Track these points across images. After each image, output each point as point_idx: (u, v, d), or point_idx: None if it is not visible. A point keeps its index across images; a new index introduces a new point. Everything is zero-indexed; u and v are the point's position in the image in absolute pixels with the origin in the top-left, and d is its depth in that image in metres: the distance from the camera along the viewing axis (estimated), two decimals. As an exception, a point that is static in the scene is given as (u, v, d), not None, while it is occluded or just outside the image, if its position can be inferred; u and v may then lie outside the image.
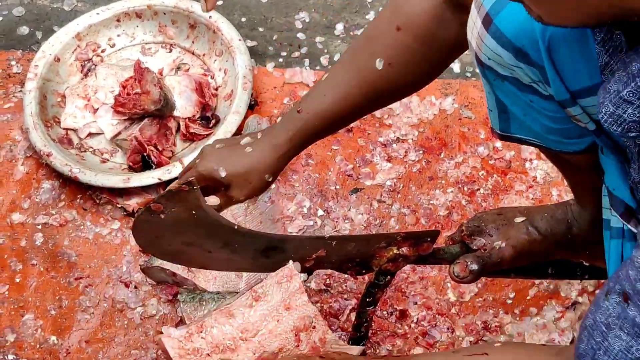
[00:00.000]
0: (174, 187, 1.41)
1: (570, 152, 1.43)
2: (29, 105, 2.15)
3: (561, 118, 1.34)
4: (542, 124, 1.38)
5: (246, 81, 2.18)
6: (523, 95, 1.34)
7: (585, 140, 1.39)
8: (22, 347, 1.90)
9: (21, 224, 2.06)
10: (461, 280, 1.62)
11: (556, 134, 1.39)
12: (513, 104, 1.38)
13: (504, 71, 1.32)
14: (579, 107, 1.27)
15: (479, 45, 1.31)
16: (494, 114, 1.44)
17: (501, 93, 1.38)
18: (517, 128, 1.44)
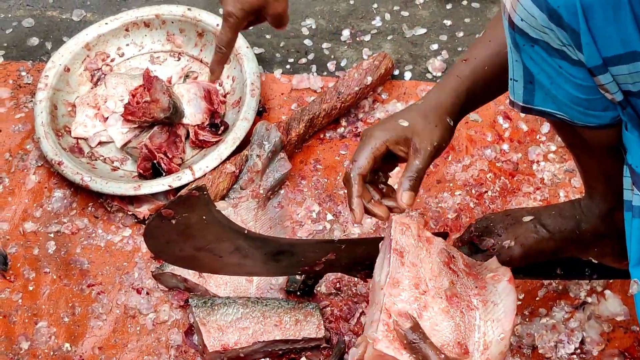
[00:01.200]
0: (184, 193, 1.43)
1: (592, 125, 1.42)
2: (40, 115, 2.17)
3: (588, 87, 1.34)
4: (569, 92, 1.37)
5: (254, 88, 2.20)
6: (552, 61, 1.33)
7: (609, 115, 1.39)
8: (36, 355, 1.92)
9: (34, 233, 2.08)
10: (470, 281, 1.63)
11: (581, 105, 1.38)
12: (540, 71, 1.37)
13: (535, 34, 1.30)
14: (610, 75, 1.27)
15: (514, 5, 1.29)
16: (519, 84, 1.42)
17: (529, 60, 1.37)
18: (541, 100, 1.42)
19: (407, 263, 1.52)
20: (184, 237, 1.52)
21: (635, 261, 1.42)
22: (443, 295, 1.51)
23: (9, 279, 2.02)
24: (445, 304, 1.50)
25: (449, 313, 1.49)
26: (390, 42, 2.37)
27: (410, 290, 1.49)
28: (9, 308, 1.98)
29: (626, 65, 1.24)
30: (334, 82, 2.24)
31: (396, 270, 1.50)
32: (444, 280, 1.54)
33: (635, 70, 1.25)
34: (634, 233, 1.41)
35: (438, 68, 2.30)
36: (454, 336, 1.48)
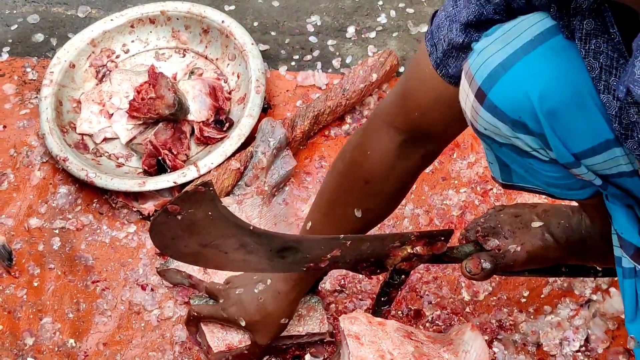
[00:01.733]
0: (190, 189, 1.43)
1: (574, 199, 1.45)
2: (45, 111, 2.17)
3: (563, 176, 1.34)
4: (545, 180, 1.38)
5: (259, 85, 2.20)
6: (522, 160, 1.34)
7: (588, 191, 1.40)
8: (41, 351, 1.92)
9: (38, 229, 2.08)
10: (472, 277, 1.62)
11: (559, 187, 1.40)
12: (513, 163, 1.38)
13: (501, 139, 1.30)
14: (584, 167, 1.27)
15: (474, 116, 1.29)
16: (494, 166, 1.44)
17: (501, 154, 1.38)
18: (519, 179, 1.44)
19: (366, 342, 1.58)
20: (190, 233, 1.51)
21: (629, 317, 1.42)
22: (411, 357, 1.55)
23: (13, 275, 2.02)
24: None
25: None
26: (396, 39, 2.37)
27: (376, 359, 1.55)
28: (14, 304, 1.98)
29: (600, 155, 1.24)
30: (339, 79, 2.24)
31: (357, 350, 1.56)
32: (408, 346, 1.58)
33: (611, 157, 1.25)
34: (626, 291, 1.42)
35: (443, 65, 2.29)
36: None
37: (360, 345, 1.55)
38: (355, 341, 1.56)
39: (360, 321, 1.61)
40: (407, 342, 1.58)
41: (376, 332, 1.58)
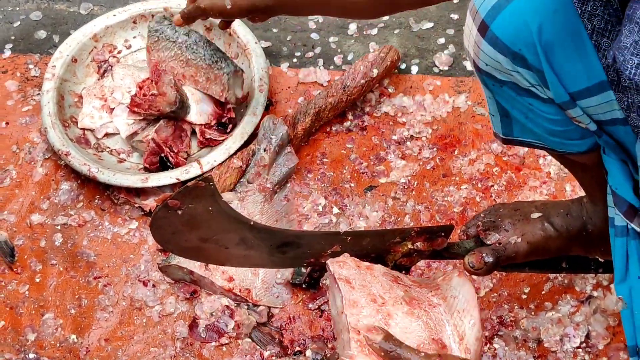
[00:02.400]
0: (190, 184, 1.43)
1: (573, 152, 1.45)
2: (47, 105, 2.17)
3: (562, 120, 1.36)
4: (544, 126, 1.40)
5: (262, 83, 2.20)
6: (522, 99, 1.36)
7: (587, 142, 1.41)
8: (43, 346, 1.92)
9: (40, 225, 2.09)
10: (475, 272, 1.63)
11: (559, 136, 1.41)
12: (513, 107, 1.40)
13: (502, 76, 1.33)
14: (579, 109, 1.29)
15: (476, 52, 1.33)
16: (496, 119, 1.46)
17: (501, 98, 1.40)
18: (519, 131, 1.46)
19: (357, 286, 1.54)
20: (190, 228, 1.52)
21: (619, 278, 1.43)
22: (402, 302, 1.53)
23: (15, 271, 2.02)
24: (407, 308, 1.52)
25: (414, 314, 1.51)
26: (397, 36, 2.37)
27: (369, 306, 1.51)
28: (16, 300, 1.98)
29: (595, 97, 1.26)
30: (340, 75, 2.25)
31: (349, 294, 1.52)
32: (398, 290, 1.56)
33: (605, 101, 1.27)
34: (617, 251, 1.42)
35: (445, 62, 2.29)
36: (426, 334, 1.49)
37: (351, 289, 1.53)
38: (346, 285, 1.53)
39: (349, 265, 1.59)
40: (396, 287, 1.57)
41: (365, 275, 1.56)
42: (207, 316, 1.92)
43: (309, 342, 1.90)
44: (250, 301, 1.93)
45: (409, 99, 2.22)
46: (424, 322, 1.50)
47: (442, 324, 1.52)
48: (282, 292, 1.96)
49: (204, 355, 1.90)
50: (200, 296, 1.95)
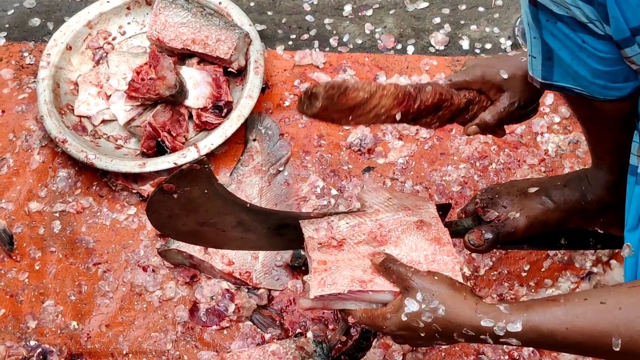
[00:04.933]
0: (185, 167, 1.43)
1: (611, 98, 1.43)
2: (43, 93, 2.17)
3: (612, 59, 1.34)
4: (590, 66, 1.38)
5: (258, 66, 2.19)
6: (575, 36, 1.34)
7: (630, 85, 1.39)
8: (44, 333, 1.92)
9: (39, 212, 2.08)
10: (476, 249, 1.63)
11: (603, 78, 1.39)
12: (562, 48, 1.38)
13: (559, 10, 1.31)
14: (637, 47, 1.27)
15: None
16: (537, 61, 1.44)
17: (550, 37, 1.38)
18: (560, 75, 1.44)
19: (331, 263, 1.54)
20: (187, 211, 1.51)
21: (630, 225, 1.42)
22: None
23: (15, 259, 2.02)
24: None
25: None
26: (393, 16, 2.36)
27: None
28: (16, 287, 1.98)
29: None
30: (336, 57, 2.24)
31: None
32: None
33: None
34: (635, 199, 1.41)
35: (441, 42, 2.29)
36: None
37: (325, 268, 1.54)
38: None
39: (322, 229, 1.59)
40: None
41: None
42: (207, 300, 1.92)
43: (309, 324, 1.90)
44: (250, 284, 1.93)
45: (405, 79, 2.21)
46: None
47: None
48: (282, 274, 1.96)
49: (205, 339, 1.90)
50: (200, 280, 1.95)
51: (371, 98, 1.48)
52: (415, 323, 1.37)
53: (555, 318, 1.28)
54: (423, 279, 1.39)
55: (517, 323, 1.30)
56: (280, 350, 1.75)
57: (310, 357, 1.75)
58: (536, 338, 1.30)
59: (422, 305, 1.36)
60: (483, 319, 1.32)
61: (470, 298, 1.36)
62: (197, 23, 2.17)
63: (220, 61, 2.19)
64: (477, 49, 2.28)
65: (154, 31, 2.18)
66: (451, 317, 1.35)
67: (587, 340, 1.26)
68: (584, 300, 1.28)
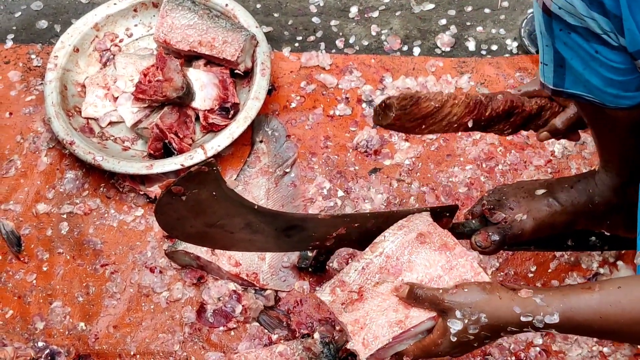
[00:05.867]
0: (193, 169, 1.43)
1: (622, 107, 1.44)
2: (50, 95, 2.18)
3: (625, 69, 1.35)
4: (603, 76, 1.39)
5: (264, 67, 2.20)
6: (589, 46, 1.35)
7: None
8: (52, 334, 1.93)
9: (46, 214, 2.09)
10: (483, 251, 1.63)
11: (615, 87, 1.40)
12: (574, 57, 1.39)
13: (573, 21, 1.32)
14: None
15: None
16: (549, 68, 1.45)
17: (563, 46, 1.38)
18: (571, 83, 1.45)
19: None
20: (195, 213, 1.52)
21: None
22: None
23: (23, 260, 2.03)
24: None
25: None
26: (399, 18, 2.37)
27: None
28: (24, 289, 1.99)
29: None
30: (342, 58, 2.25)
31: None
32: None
33: None
34: None
35: (447, 43, 2.29)
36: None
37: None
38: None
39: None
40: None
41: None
42: (214, 301, 1.93)
43: (316, 324, 1.90)
44: (257, 285, 1.94)
45: (411, 81, 2.22)
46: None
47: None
48: (288, 275, 1.97)
49: (213, 340, 1.90)
50: (207, 281, 1.96)
51: (443, 107, 1.55)
52: (465, 338, 1.42)
53: (590, 307, 1.31)
54: (455, 296, 1.43)
55: (555, 315, 1.34)
56: (288, 351, 1.76)
57: (317, 358, 1.75)
58: (573, 327, 1.34)
59: (465, 320, 1.40)
60: (522, 315, 1.36)
61: (505, 295, 1.39)
62: (203, 25, 2.18)
63: (226, 63, 2.19)
64: (483, 51, 2.28)
65: (160, 33, 2.19)
66: (494, 321, 1.39)
67: (622, 327, 1.30)
68: (617, 289, 1.30)
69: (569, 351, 1.84)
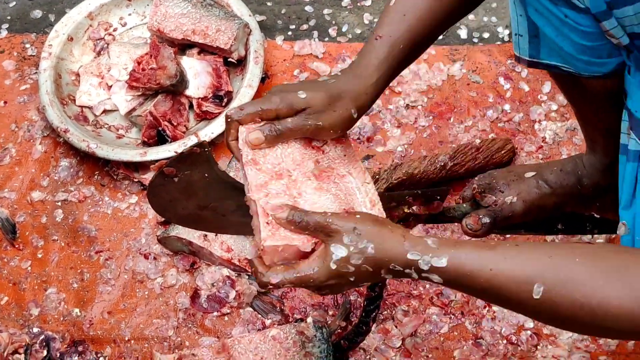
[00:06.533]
0: (185, 150, 1.44)
1: (596, 75, 1.44)
2: (45, 83, 2.19)
3: (594, 34, 1.35)
4: (574, 42, 1.39)
5: (257, 56, 2.21)
6: (558, 10, 1.35)
7: (614, 61, 1.41)
8: (46, 320, 1.94)
9: (41, 202, 2.10)
10: (474, 233, 1.64)
11: (587, 54, 1.40)
12: (546, 24, 1.39)
13: None
14: (614, 20, 1.28)
15: None
16: (524, 39, 1.45)
17: (534, 13, 1.39)
18: (546, 53, 1.45)
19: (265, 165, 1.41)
20: (187, 195, 1.52)
21: (624, 204, 1.43)
22: (311, 177, 1.41)
23: (17, 247, 2.04)
24: (317, 183, 1.40)
25: (323, 188, 1.40)
26: (391, 6, 2.37)
27: (276, 183, 1.39)
28: (19, 275, 2.00)
29: (631, 6, 1.24)
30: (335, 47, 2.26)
31: (255, 177, 1.39)
32: (309, 163, 1.42)
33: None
34: (627, 177, 1.42)
35: (439, 31, 2.30)
36: (336, 206, 1.38)
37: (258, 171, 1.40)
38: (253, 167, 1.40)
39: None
40: (308, 156, 1.43)
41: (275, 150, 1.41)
42: (208, 287, 1.94)
43: (309, 309, 1.91)
44: (249, 271, 1.95)
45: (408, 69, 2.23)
46: (334, 195, 1.40)
47: (353, 192, 1.41)
48: (281, 261, 1.97)
49: (207, 325, 1.91)
50: (201, 267, 1.97)
51: None
52: (345, 269, 1.26)
53: (482, 258, 1.20)
54: (345, 220, 1.27)
55: (443, 258, 1.22)
56: (281, 335, 1.77)
57: (310, 342, 1.76)
58: (459, 277, 1.22)
59: (351, 248, 1.25)
60: (410, 252, 1.23)
61: (397, 230, 1.27)
62: (197, 14, 2.19)
63: (220, 51, 2.20)
64: (475, 38, 2.29)
65: (154, 22, 2.20)
66: (381, 254, 1.25)
67: (509, 285, 1.19)
68: (515, 246, 1.21)
69: (560, 334, 1.86)
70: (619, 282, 1.13)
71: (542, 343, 1.85)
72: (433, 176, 2.03)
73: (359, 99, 1.38)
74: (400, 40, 1.37)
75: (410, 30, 1.38)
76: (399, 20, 1.38)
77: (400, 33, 1.37)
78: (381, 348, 1.86)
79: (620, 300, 1.12)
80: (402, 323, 1.89)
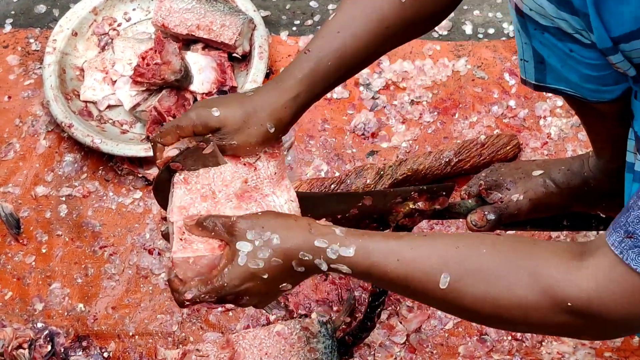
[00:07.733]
0: (192, 145, 1.44)
1: (603, 101, 1.44)
2: (49, 78, 2.19)
3: (601, 65, 1.35)
4: (581, 72, 1.39)
5: (262, 51, 2.21)
6: (563, 45, 1.35)
7: (621, 87, 1.41)
8: (51, 315, 1.94)
9: (45, 197, 2.10)
10: (478, 230, 1.64)
11: (593, 82, 1.40)
12: (551, 55, 1.39)
13: (545, 22, 1.32)
14: (620, 55, 1.27)
15: None
16: (529, 65, 1.45)
17: (539, 44, 1.39)
18: (553, 79, 1.45)
19: (194, 184, 1.41)
20: (192, 191, 1.52)
21: None
22: (233, 198, 1.40)
23: (22, 242, 2.04)
24: (236, 203, 1.39)
25: (242, 207, 1.39)
26: (396, 2, 2.37)
27: (199, 206, 1.39)
28: (23, 270, 2.00)
29: (638, 40, 1.24)
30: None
31: (182, 199, 1.40)
32: (237, 182, 1.42)
33: None
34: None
35: (444, 27, 2.30)
36: None
37: (187, 192, 1.40)
38: (182, 186, 1.40)
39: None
40: (238, 175, 1.42)
41: (209, 171, 1.42)
42: (212, 282, 1.94)
43: (314, 305, 1.91)
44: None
45: (409, 64, 2.23)
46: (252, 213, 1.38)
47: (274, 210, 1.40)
48: (286, 257, 1.97)
49: (211, 320, 1.91)
50: (206, 263, 1.97)
51: None
52: (255, 264, 1.25)
53: (389, 248, 1.19)
54: (248, 218, 1.28)
55: (351, 248, 1.21)
56: (285, 331, 1.77)
57: (314, 338, 1.76)
58: (367, 267, 1.20)
59: (256, 242, 1.25)
60: (317, 239, 1.23)
61: (302, 220, 1.27)
62: (201, 9, 2.19)
63: (224, 46, 2.20)
64: (480, 34, 2.29)
65: (159, 17, 2.19)
66: (287, 243, 1.24)
67: (416, 275, 1.17)
68: (423, 237, 1.21)
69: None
70: (524, 273, 1.11)
71: (547, 339, 1.85)
72: (438, 172, 2.03)
73: (277, 113, 1.36)
74: (329, 57, 1.35)
75: (343, 48, 1.35)
76: (332, 37, 1.36)
77: (331, 50, 1.35)
78: (386, 344, 1.86)
79: (525, 290, 1.11)
80: (406, 319, 1.89)
